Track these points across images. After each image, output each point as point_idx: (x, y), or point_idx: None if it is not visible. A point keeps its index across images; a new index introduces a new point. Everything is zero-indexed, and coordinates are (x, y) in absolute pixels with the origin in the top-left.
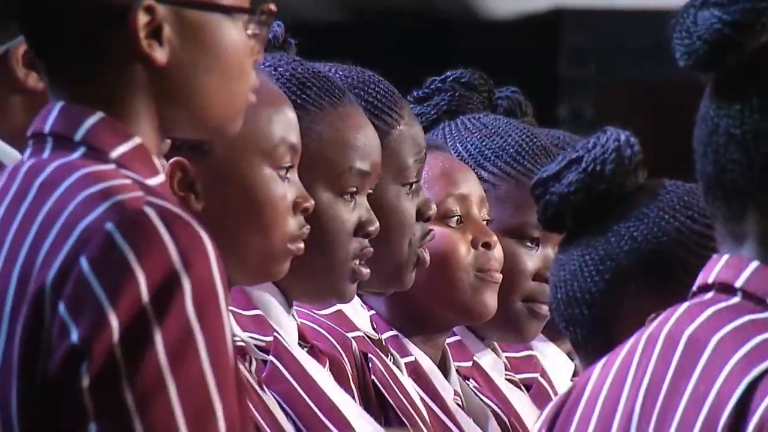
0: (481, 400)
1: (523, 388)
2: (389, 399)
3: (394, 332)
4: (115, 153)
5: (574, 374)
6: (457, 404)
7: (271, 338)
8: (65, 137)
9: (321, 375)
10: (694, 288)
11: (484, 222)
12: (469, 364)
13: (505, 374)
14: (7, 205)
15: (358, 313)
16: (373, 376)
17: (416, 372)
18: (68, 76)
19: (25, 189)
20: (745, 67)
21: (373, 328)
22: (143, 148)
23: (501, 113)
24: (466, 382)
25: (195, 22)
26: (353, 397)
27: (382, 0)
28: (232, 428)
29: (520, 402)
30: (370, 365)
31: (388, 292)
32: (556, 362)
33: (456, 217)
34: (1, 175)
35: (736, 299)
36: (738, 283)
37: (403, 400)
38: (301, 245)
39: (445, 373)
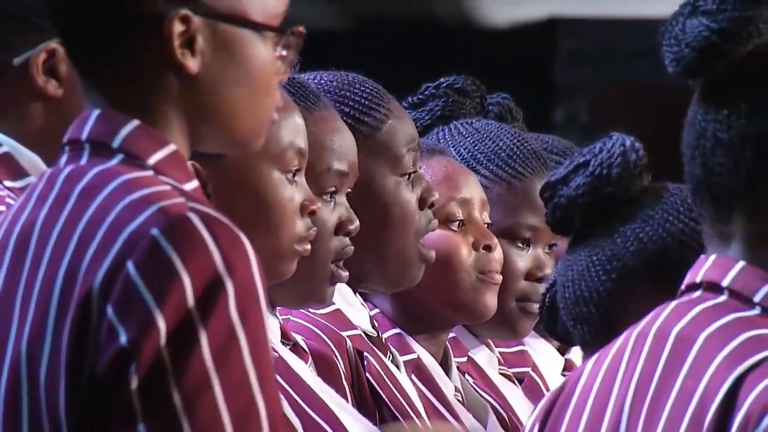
0: (480, 395)
1: (516, 382)
2: (383, 396)
3: (397, 330)
4: (152, 159)
5: (565, 368)
6: (458, 400)
7: None
8: (103, 144)
9: (304, 370)
10: (683, 287)
11: (485, 225)
12: (464, 359)
13: (499, 369)
14: (47, 210)
15: (357, 311)
16: (367, 374)
17: (418, 369)
18: (103, 83)
19: (65, 194)
20: (732, 74)
21: (374, 326)
22: (178, 155)
23: (492, 118)
24: (465, 377)
25: (227, 35)
26: (345, 394)
27: (383, 9)
28: (274, 425)
29: (514, 396)
30: (365, 363)
31: (396, 289)
32: (546, 357)
33: (458, 221)
34: (37, 181)
35: (723, 298)
36: (725, 283)
37: (398, 396)
38: (308, 246)
39: (447, 370)
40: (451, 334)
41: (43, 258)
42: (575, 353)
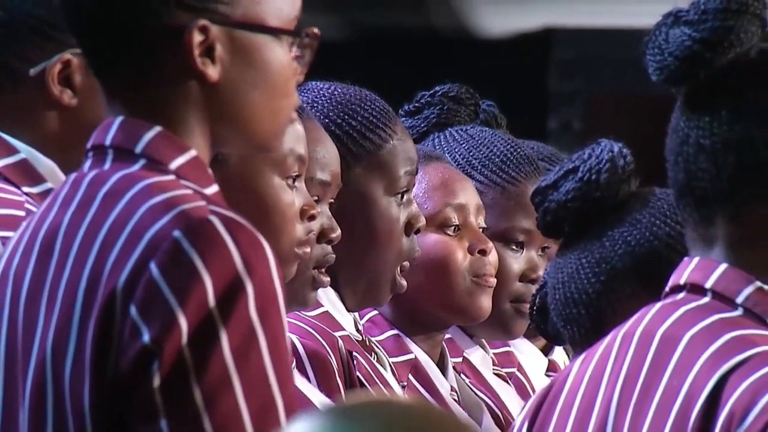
0: (476, 394)
1: (509, 381)
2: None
3: (395, 331)
4: (174, 164)
5: (548, 369)
6: (454, 399)
7: None
8: (126, 150)
9: None
10: (667, 288)
11: (480, 229)
12: (459, 360)
13: (493, 369)
14: (72, 213)
15: (342, 315)
16: (358, 372)
17: (416, 368)
18: (125, 92)
19: (89, 198)
20: (714, 82)
21: (358, 330)
22: (199, 160)
23: (478, 125)
24: (461, 377)
25: (245, 42)
26: (339, 392)
27: (382, 20)
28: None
29: (508, 395)
30: (355, 362)
31: (359, 308)
32: (531, 358)
33: (453, 226)
34: (62, 185)
35: (706, 299)
36: (708, 284)
37: (387, 393)
38: (308, 249)
39: (443, 370)
40: (447, 335)
41: (67, 260)
42: (558, 354)
